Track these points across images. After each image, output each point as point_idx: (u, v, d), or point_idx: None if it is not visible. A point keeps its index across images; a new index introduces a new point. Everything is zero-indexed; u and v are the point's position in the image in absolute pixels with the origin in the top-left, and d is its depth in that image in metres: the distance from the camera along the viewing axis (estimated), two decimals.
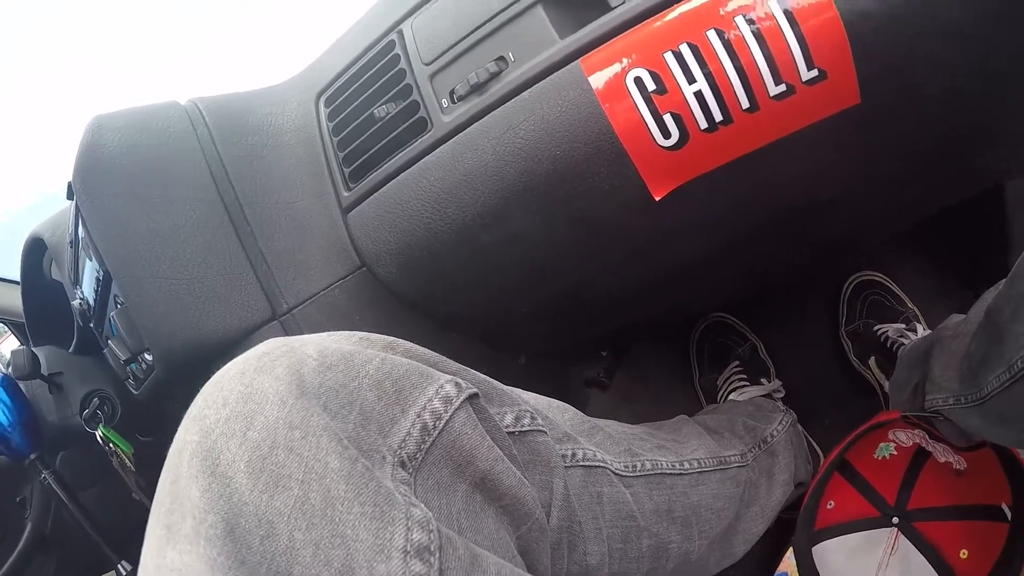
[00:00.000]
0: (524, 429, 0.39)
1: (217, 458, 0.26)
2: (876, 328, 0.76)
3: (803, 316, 0.83)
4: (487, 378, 0.39)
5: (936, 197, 0.64)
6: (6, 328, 1.11)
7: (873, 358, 0.75)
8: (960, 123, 0.49)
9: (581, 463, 0.44)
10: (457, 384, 0.33)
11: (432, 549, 0.26)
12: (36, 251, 0.82)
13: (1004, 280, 0.50)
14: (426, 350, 0.37)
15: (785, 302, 0.83)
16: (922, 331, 0.74)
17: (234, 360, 0.31)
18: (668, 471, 0.51)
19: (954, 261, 0.80)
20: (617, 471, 0.47)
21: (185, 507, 0.26)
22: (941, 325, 0.67)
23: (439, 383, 0.33)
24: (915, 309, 0.78)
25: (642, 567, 0.47)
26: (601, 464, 0.45)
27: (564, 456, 0.43)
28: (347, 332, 0.37)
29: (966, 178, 0.61)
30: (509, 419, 0.38)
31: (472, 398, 0.34)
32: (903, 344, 0.72)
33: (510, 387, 0.41)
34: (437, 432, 0.31)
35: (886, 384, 0.73)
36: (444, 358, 0.37)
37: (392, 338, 0.37)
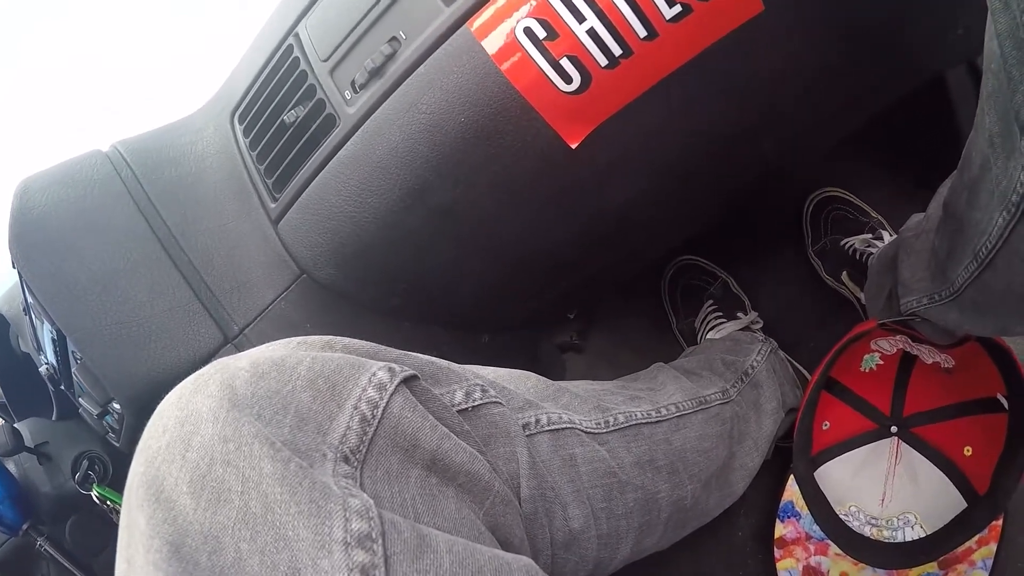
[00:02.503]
0: (476, 404, 0.38)
1: (161, 484, 0.26)
2: (843, 242, 0.75)
3: (769, 244, 0.82)
4: (431, 359, 0.39)
5: (874, 97, 0.62)
6: None
7: (845, 272, 0.74)
8: (877, 17, 0.48)
9: (547, 428, 0.43)
10: (390, 369, 0.33)
11: (374, 536, 0.25)
12: None
13: (956, 170, 0.49)
14: (366, 343, 0.37)
15: (749, 233, 0.82)
16: (888, 238, 0.73)
17: (175, 387, 0.31)
18: (643, 420, 0.50)
19: (909, 162, 0.79)
20: (588, 429, 0.46)
21: (136, 537, 0.26)
22: (903, 227, 0.65)
23: (371, 371, 0.32)
24: (879, 217, 0.77)
25: (632, 522, 0.47)
26: (569, 425, 0.44)
27: (527, 424, 0.42)
28: (287, 339, 0.36)
29: (899, 72, 0.59)
30: (459, 396, 0.38)
31: (409, 380, 0.33)
32: (872, 254, 0.71)
33: (462, 365, 0.41)
34: (377, 421, 0.31)
35: (862, 296, 0.72)
36: (384, 348, 0.37)
37: (331, 337, 0.37)
